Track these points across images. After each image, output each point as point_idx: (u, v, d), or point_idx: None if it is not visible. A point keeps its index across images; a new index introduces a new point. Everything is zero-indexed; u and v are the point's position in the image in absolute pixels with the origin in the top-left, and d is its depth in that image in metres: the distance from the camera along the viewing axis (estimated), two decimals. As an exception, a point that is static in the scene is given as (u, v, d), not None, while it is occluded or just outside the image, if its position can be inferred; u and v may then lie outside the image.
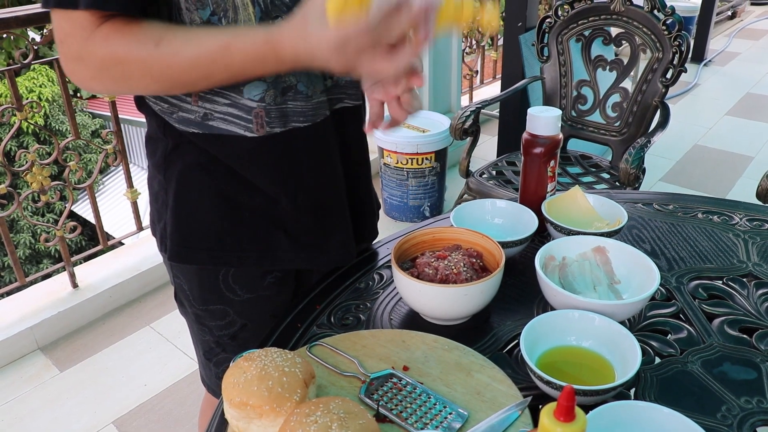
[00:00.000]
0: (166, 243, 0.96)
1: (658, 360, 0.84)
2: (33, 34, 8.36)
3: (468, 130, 2.24)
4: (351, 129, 0.99)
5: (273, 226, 0.95)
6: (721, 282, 1.00)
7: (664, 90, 2.20)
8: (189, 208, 0.93)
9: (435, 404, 0.73)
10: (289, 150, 0.91)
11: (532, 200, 1.10)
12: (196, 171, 0.84)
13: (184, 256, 0.96)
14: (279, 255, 0.97)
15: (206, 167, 0.91)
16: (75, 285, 2.42)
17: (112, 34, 0.75)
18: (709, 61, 5.68)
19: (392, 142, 2.93)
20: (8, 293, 2.42)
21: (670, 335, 0.88)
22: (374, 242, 1.12)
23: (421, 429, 0.70)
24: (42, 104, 8.86)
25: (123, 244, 2.92)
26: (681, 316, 0.92)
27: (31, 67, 2.95)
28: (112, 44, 0.75)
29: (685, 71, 2.16)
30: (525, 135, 1.08)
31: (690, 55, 3.25)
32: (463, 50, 3.86)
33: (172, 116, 0.89)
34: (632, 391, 0.78)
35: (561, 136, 1.08)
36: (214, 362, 1.08)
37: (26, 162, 2.26)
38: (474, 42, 4.07)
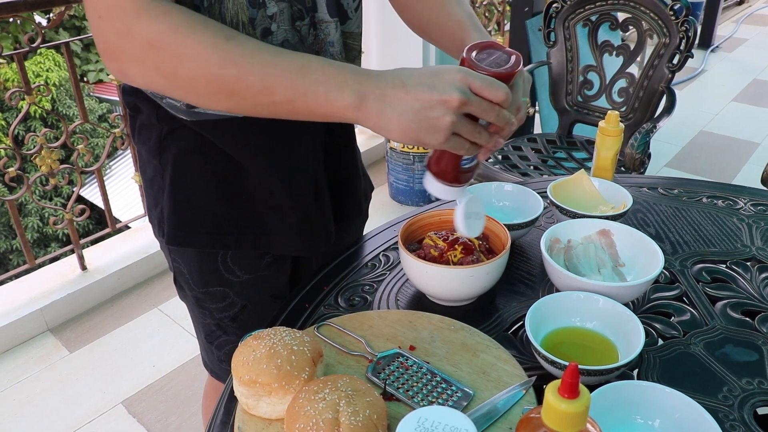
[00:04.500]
0: (163, 228, 0.95)
1: (661, 341, 0.85)
2: (39, 18, 8.35)
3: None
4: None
5: (268, 209, 0.95)
6: (724, 266, 1.01)
7: (670, 75, 2.19)
8: (186, 191, 0.92)
9: (441, 383, 0.74)
10: (279, 129, 0.88)
11: None
12: (192, 155, 0.82)
13: (182, 240, 0.95)
14: (273, 238, 0.97)
15: (202, 151, 0.90)
16: (84, 267, 2.44)
17: (175, 10, 0.68)
18: (716, 47, 5.63)
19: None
20: (18, 275, 2.44)
21: (673, 317, 0.89)
22: (381, 225, 1.13)
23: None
24: (50, 88, 8.87)
25: (129, 227, 2.94)
26: (684, 298, 0.93)
27: (38, 51, 2.95)
28: (173, 19, 0.67)
29: (692, 57, 2.15)
30: None
31: (697, 41, 3.23)
32: (470, 35, 3.83)
33: (162, 101, 0.87)
34: (635, 371, 0.80)
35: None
36: (216, 345, 1.08)
37: (34, 146, 2.28)
38: (480, 27, 4.05)
